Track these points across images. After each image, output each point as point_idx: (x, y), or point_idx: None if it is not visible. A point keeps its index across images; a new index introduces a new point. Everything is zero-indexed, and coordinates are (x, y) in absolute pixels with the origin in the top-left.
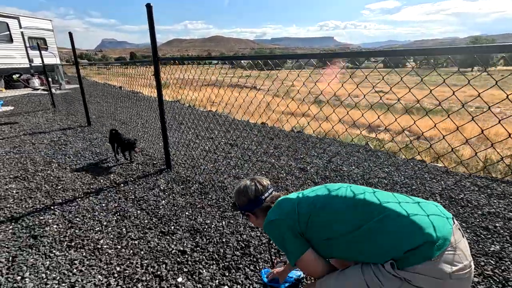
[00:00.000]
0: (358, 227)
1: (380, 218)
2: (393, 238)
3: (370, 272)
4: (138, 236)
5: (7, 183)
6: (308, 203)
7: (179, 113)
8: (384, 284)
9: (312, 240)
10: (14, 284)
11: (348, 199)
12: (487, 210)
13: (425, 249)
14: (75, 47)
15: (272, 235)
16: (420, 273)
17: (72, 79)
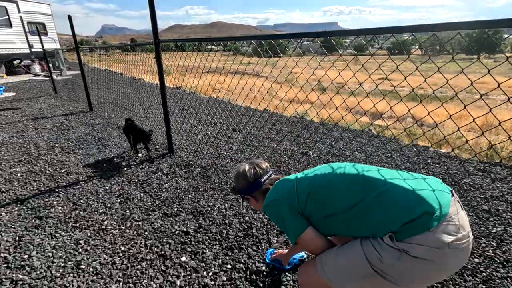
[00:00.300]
0: (357, 203)
1: (379, 193)
2: (391, 211)
3: (369, 245)
4: (142, 218)
5: (12, 166)
6: (307, 182)
7: (181, 99)
8: (383, 256)
9: (311, 218)
10: (22, 262)
11: (348, 176)
12: (490, 194)
13: (423, 220)
14: (75, 33)
15: (271, 216)
16: (419, 244)
17: (73, 65)
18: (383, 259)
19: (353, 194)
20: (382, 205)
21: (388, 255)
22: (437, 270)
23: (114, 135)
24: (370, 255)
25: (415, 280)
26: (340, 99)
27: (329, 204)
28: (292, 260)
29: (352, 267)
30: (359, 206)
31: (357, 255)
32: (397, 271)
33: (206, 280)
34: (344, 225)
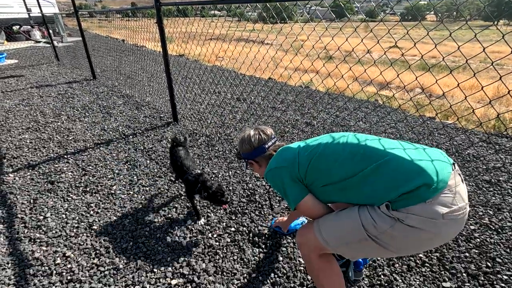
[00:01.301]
0: (356, 173)
1: (380, 163)
2: (389, 182)
3: (365, 212)
4: (149, 184)
5: (20, 133)
6: (309, 150)
7: (184, 67)
8: (377, 223)
9: (311, 186)
10: (38, 222)
11: (350, 146)
12: (492, 165)
13: (421, 191)
14: None
15: (272, 182)
16: (414, 214)
17: (73, 32)
18: (377, 226)
19: (353, 164)
20: (381, 176)
21: (382, 223)
22: (429, 239)
23: (119, 103)
24: (365, 222)
25: (406, 246)
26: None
27: (329, 173)
28: (295, 226)
29: (348, 232)
30: (358, 176)
31: (353, 221)
32: (390, 237)
33: (211, 241)
34: (343, 193)
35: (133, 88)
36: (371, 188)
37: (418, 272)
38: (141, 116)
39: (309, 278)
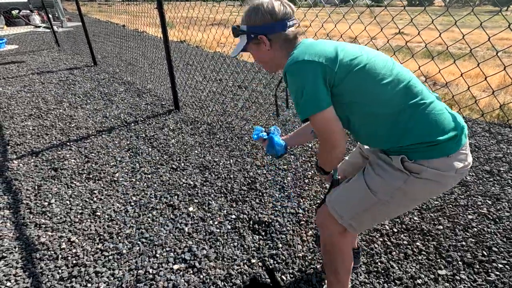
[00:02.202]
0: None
1: (419, 103)
2: (426, 126)
3: (371, 175)
4: (151, 171)
5: (23, 120)
6: (352, 55)
7: (186, 54)
8: (388, 182)
9: (336, 97)
10: (43, 208)
11: (397, 72)
12: (494, 155)
13: (449, 143)
14: None
15: (295, 79)
16: (433, 168)
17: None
18: (388, 185)
19: (395, 93)
20: (420, 116)
21: (394, 180)
22: (435, 191)
23: (120, 90)
24: (374, 185)
25: (415, 200)
26: None
27: (366, 90)
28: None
29: (359, 200)
30: (395, 109)
31: (361, 188)
32: (403, 194)
33: (212, 228)
34: (366, 120)
35: (134, 75)
36: (402, 127)
37: (414, 260)
38: (142, 103)
39: (307, 265)
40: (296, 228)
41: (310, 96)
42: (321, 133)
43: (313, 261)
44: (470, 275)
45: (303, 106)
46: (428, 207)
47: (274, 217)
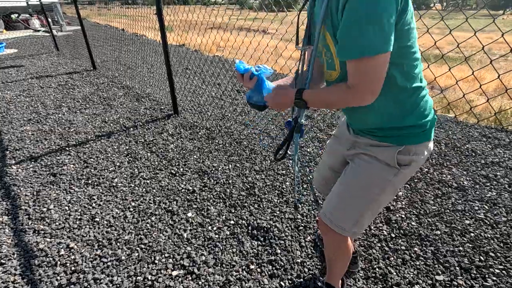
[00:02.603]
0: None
1: (424, 85)
2: (423, 105)
3: (360, 171)
4: (150, 176)
5: (22, 125)
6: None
7: (185, 58)
8: (377, 174)
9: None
10: (41, 214)
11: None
12: (490, 160)
13: (433, 127)
14: None
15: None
16: (420, 154)
17: (73, 20)
18: (380, 179)
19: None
20: (422, 98)
21: (385, 174)
22: (412, 174)
23: (119, 94)
24: (367, 183)
25: (398, 188)
26: None
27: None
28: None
29: (356, 205)
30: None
31: (355, 190)
32: (403, 177)
33: (211, 234)
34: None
35: (134, 79)
36: (409, 105)
37: (412, 265)
38: (141, 108)
39: (306, 271)
40: (295, 233)
41: (382, 32)
42: (361, 83)
43: (312, 266)
44: (467, 281)
45: (369, 40)
46: (426, 212)
47: (272, 222)
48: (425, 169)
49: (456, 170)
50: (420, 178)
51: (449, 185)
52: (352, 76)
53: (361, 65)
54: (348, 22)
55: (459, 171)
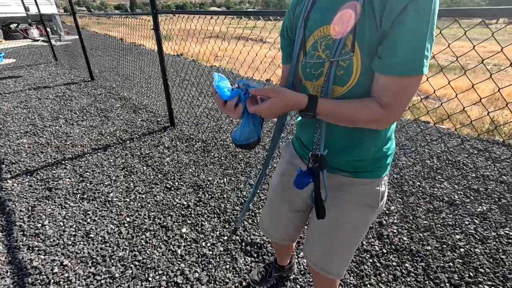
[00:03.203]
0: None
1: None
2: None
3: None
4: (145, 191)
5: (19, 137)
6: None
7: (182, 68)
8: (381, 198)
9: None
10: (36, 230)
11: None
12: (481, 173)
13: None
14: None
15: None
16: (385, 184)
17: (71, 30)
18: (368, 219)
19: None
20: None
21: (365, 213)
22: None
23: (116, 106)
24: (356, 225)
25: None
26: None
27: None
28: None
29: (349, 248)
30: None
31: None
32: (370, 221)
33: (204, 250)
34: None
35: (131, 90)
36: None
37: (403, 282)
38: (138, 120)
39: (297, 287)
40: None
41: (430, 52)
42: (400, 105)
43: (304, 283)
44: None
45: (424, 57)
46: (417, 227)
47: (266, 238)
48: (417, 183)
49: (447, 184)
50: (412, 192)
51: (440, 199)
52: (398, 94)
53: (408, 83)
54: (414, 28)
55: (450, 185)
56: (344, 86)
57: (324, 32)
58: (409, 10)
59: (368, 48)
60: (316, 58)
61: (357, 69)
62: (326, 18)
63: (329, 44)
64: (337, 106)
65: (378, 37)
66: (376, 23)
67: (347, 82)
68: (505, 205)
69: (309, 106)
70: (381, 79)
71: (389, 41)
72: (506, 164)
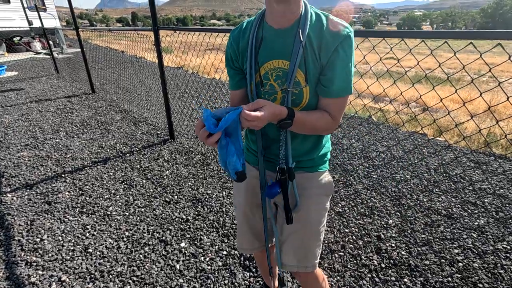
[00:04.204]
0: None
1: None
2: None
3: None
4: (144, 204)
5: (19, 150)
6: None
7: (183, 81)
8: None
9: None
10: (34, 245)
11: None
12: (478, 186)
13: None
14: (73, 9)
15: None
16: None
17: (74, 42)
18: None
19: None
20: None
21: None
22: None
23: (117, 119)
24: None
25: None
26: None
27: None
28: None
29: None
30: None
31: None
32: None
33: (203, 265)
34: None
35: (132, 103)
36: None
37: None
38: (138, 132)
39: None
40: None
41: (352, 72)
42: (340, 116)
43: None
44: None
45: (347, 83)
46: (416, 241)
47: None
48: (415, 196)
49: (445, 197)
50: (410, 206)
51: (438, 212)
52: (337, 109)
53: (345, 101)
54: (343, 65)
55: (448, 198)
56: (297, 107)
57: (273, 65)
58: (339, 50)
59: (313, 78)
60: (269, 86)
61: (307, 94)
62: (274, 54)
63: (279, 75)
64: (306, 116)
65: (319, 68)
66: (316, 58)
67: (300, 103)
68: (502, 218)
69: (289, 115)
70: (326, 100)
71: (328, 74)
72: (503, 177)
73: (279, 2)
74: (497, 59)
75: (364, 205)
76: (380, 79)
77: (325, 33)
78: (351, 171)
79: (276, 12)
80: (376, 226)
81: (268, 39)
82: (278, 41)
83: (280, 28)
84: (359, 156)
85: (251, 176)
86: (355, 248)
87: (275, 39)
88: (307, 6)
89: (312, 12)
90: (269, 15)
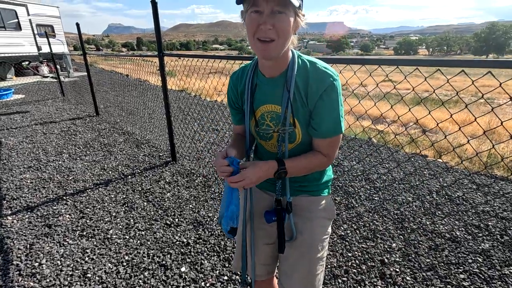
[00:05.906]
0: None
1: None
2: None
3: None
4: (145, 227)
5: (22, 173)
6: None
7: (185, 104)
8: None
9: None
10: (33, 270)
11: None
12: (481, 209)
13: None
14: (82, 40)
15: (338, 92)
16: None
17: (80, 66)
18: (328, 234)
19: None
20: None
21: (327, 228)
22: None
23: (120, 141)
24: (322, 245)
25: None
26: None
27: None
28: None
29: (321, 270)
30: None
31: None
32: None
33: None
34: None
35: (135, 125)
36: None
37: None
38: (140, 154)
39: None
40: None
41: (341, 113)
42: (334, 153)
43: None
44: None
45: (338, 124)
46: (420, 265)
47: None
48: (418, 219)
49: (448, 220)
50: (413, 229)
51: (442, 235)
52: (330, 148)
53: (337, 139)
54: (330, 109)
55: (451, 221)
56: (293, 143)
57: (267, 108)
58: (324, 97)
59: (303, 120)
60: (266, 126)
61: (299, 134)
62: (267, 99)
63: (273, 117)
64: (298, 161)
65: (308, 112)
66: (304, 103)
67: (294, 141)
68: (507, 242)
69: (280, 166)
70: (317, 140)
71: (316, 118)
72: (506, 200)
73: (267, 59)
74: (494, 81)
75: (366, 228)
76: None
77: (310, 81)
78: (352, 193)
79: (265, 64)
80: (379, 250)
81: (261, 86)
82: (270, 88)
83: (271, 77)
84: (360, 178)
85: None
86: (358, 273)
87: (266, 86)
88: (294, 56)
89: (299, 61)
90: (260, 65)
